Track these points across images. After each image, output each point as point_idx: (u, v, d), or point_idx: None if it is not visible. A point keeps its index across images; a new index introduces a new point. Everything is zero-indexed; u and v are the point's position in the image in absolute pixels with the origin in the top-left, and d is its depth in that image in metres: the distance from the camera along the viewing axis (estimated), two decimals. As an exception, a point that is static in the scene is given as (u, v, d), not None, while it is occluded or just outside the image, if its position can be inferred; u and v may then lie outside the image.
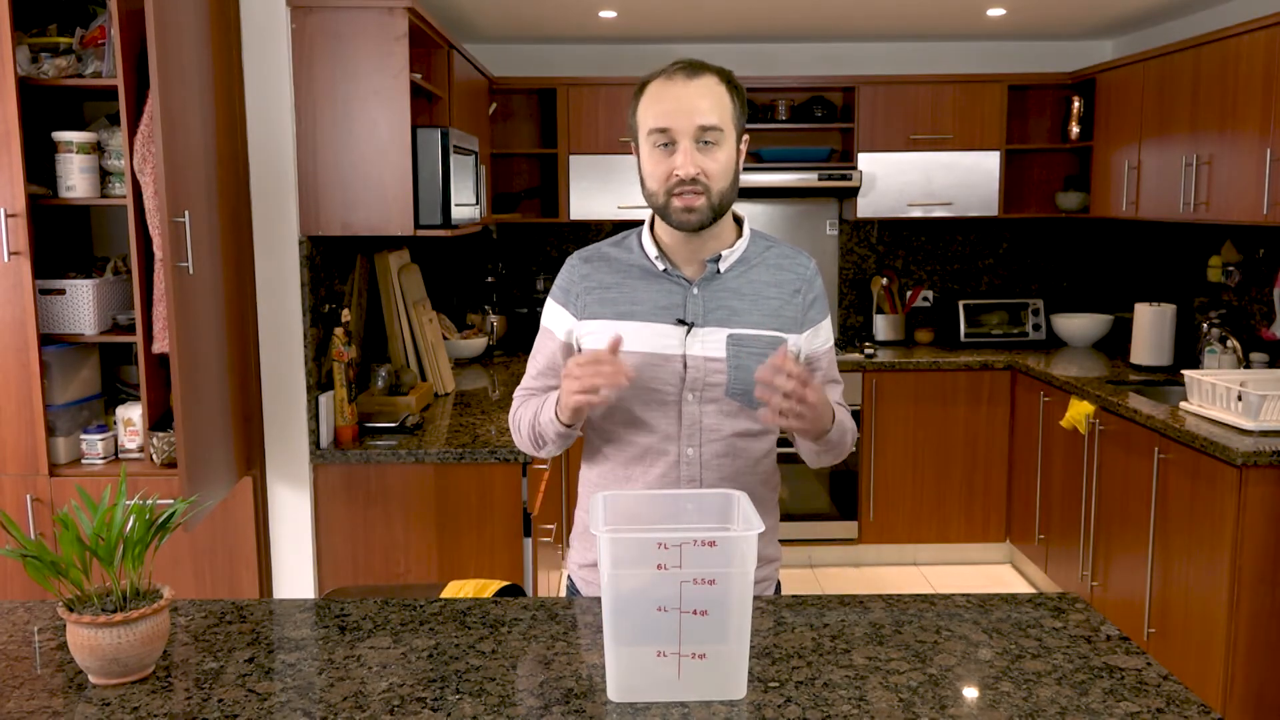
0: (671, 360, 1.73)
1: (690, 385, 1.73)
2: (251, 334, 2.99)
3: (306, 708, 1.34)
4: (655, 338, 1.73)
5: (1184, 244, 4.53)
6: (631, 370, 1.60)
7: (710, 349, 1.73)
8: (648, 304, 1.75)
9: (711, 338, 1.73)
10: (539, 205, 5.13)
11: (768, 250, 1.81)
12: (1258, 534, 2.92)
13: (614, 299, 1.76)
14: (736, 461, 1.77)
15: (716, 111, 1.66)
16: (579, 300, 1.79)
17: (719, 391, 1.73)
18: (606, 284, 1.78)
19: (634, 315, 1.74)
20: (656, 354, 1.72)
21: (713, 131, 1.66)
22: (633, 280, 1.77)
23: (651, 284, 1.76)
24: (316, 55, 2.99)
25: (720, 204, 1.70)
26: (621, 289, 1.77)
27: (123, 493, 1.46)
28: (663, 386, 1.73)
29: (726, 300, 1.75)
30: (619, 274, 1.78)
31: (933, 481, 4.71)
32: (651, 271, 1.77)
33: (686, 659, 1.34)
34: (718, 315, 1.74)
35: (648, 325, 1.73)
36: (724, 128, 1.67)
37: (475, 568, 3.08)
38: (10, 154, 2.51)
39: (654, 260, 1.76)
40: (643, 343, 1.73)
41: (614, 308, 1.76)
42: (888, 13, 4.36)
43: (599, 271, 1.79)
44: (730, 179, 1.70)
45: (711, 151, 1.67)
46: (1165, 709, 1.33)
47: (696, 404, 1.73)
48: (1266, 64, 3.34)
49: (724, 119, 1.67)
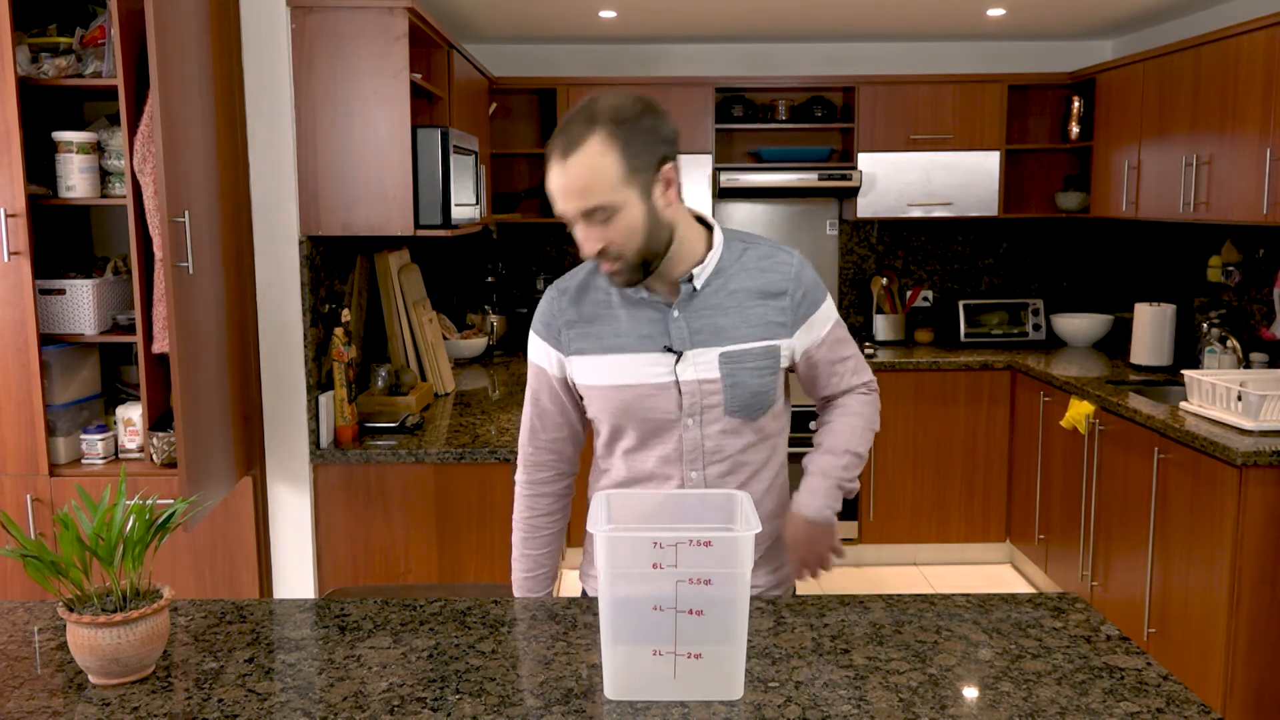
0: (666, 389, 1.69)
1: (689, 410, 1.70)
2: (251, 334, 3.00)
3: (306, 708, 1.34)
4: (646, 367, 1.69)
5: (1184, 244, 4.53)
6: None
7: (703, 371, 1.69)
8: (631, 334, 1.70)
9: (703, 359, 1.69)
10: (539, 205, 5.12)
11: (745, 253, 1.73)
12: (1258, 534, 2.92)
13: (597, 333, 1.72)
14: (740, 478, 1.75)
15: (597, 189, 1.54)
16: (561, 335, 1.75)
17: (718, 412, 1.71)
18: (588, 317, 1.74)
19: (620, 348, 1.71)
20: (650, 384, 1.69)
21: (598, 211, 1.56)
22: (613, 310, 1.72)
23: (632, 312, 1.71)
24: (316, 55, 2.99)
25: (645, 258, 1.62)
26: (603, 321, 1.72)
27: (123, 493, 1.46)
28: (661, 415, 1.71)
29: (711, 318, 1.69)
30: (598, 305, 1.73)
31: (933, 481, 4.71)
32: (628, 298, 1.71)
33: (682, 658, 1.34)
34: (704, 336, 1.69)
35: (636, 356, 1.69)
36: (609, 200, 1.55)
37: (475, 568, 3.08)
38: (10, 154, 2.51)
39: (632, 292, 1.71)
40: (634, 375, 1.70)
41: (598, 342, 1.72)
42: (888, 13, 4.36)
43: (577, 304, 1.75)
44: (642, 235, 1.59)
45: (607, 225, 1.57)
46: (1165, 709, 1.33)
47: (697, 427, 1.71)
48: (1266, 64, 3.34)
49: (608, 190, 1.54)
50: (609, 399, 1.72)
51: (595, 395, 1.74)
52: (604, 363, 1.71)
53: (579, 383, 1.76)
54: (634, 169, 1.56)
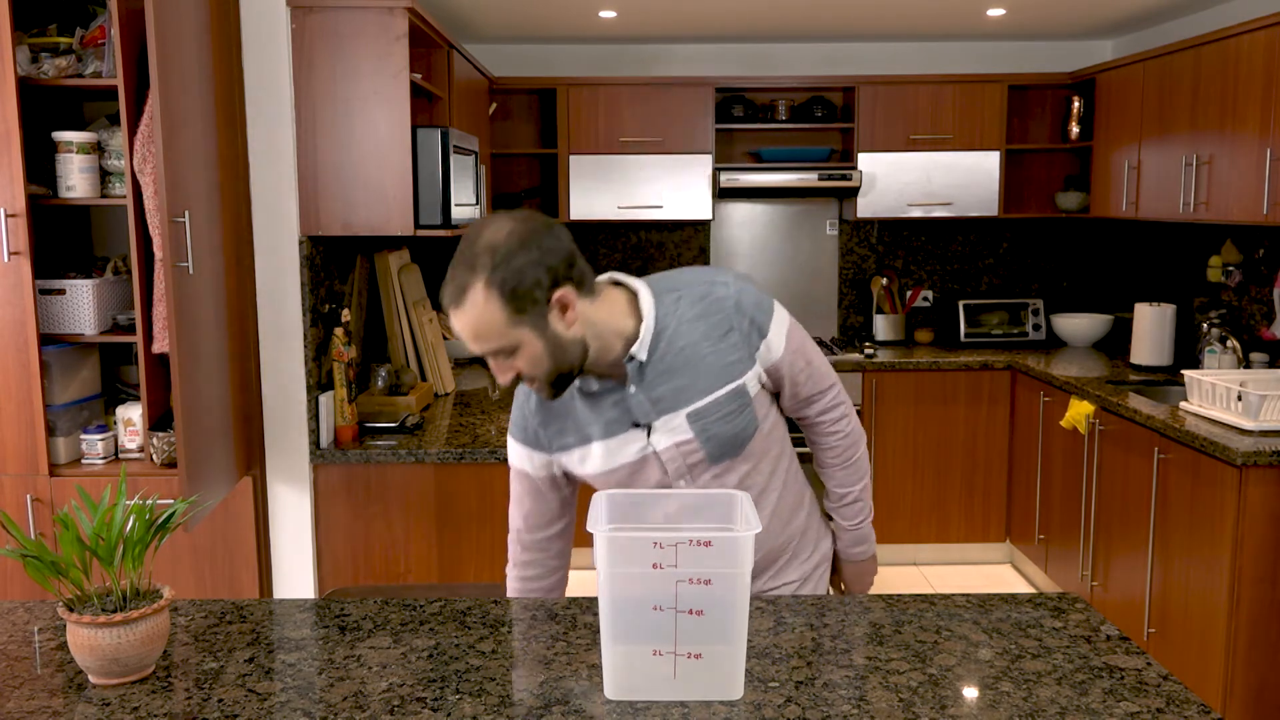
0: (648, 461, 1.71)
1: (675, 474, 1.72)
2: (251, 334, 3.00)
3: (306, 708, 1.34)
4: (622, 448, 1.70)
5: (1184, 244, 4.53)
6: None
7: (677, 434, 1.69)
8: (598, 423, 1.71)
9: (673, 424, 1.68)
10: (539, 205, 5.13)
11: (679, 304, 1.69)
12: (1258, 534, 2.92)
13: (569, 428, 1.74)
14: (752, 495, 1.75)
15: (490, 334, 1.55)
16: (539, 436, 1.77)
17: (704, 466, 1.71)
18: (557, 414, 1.74)
19: (593, 436, 1.72)
20: (631, 462, 1.71)
21: (499, 351, 1.57)
22: (573, 402, 1.73)
23: (589, 402, 1.72)
24: (316, 55, 2.99)
25: (563, 372, 1.62)
26: (570, 418, 1.74)
27: (123, 493, 1.46)
28: (655, 484, 1.73)
29: (668, 383, 1.67)
30: (560, 404, 1.74)
31: (933, 481, 4.71)
32: (586, 391, 1.72)
33: (682, 658, 1.34)
34: (666, 402, 1.68)
35: (609, 442, 1.71)
36: (504, 340, 1.55)
37: (475, 568, 3.08)
38: (10, 154, 2.51)
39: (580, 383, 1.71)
40: (616, 459, 1.71)
41: (574, 436, 1.74)
42: (888, 13, 4.36)
43: (541, 409, 1.76)
44: (548, 361, 1.59)
45: (512, 357, 1.58)
46: (1165, 709, 1.33)
47: (690, 485, 1.73)
48: (1266, 64, 3.34)
49: (500, 333, 1.55)
50: (603, 483, 1.75)
51: (589, 478, 1.77)
52: (587, 452, 1.73)
53: (570, 471, 1.79)
54: (519, 310, 1.53)
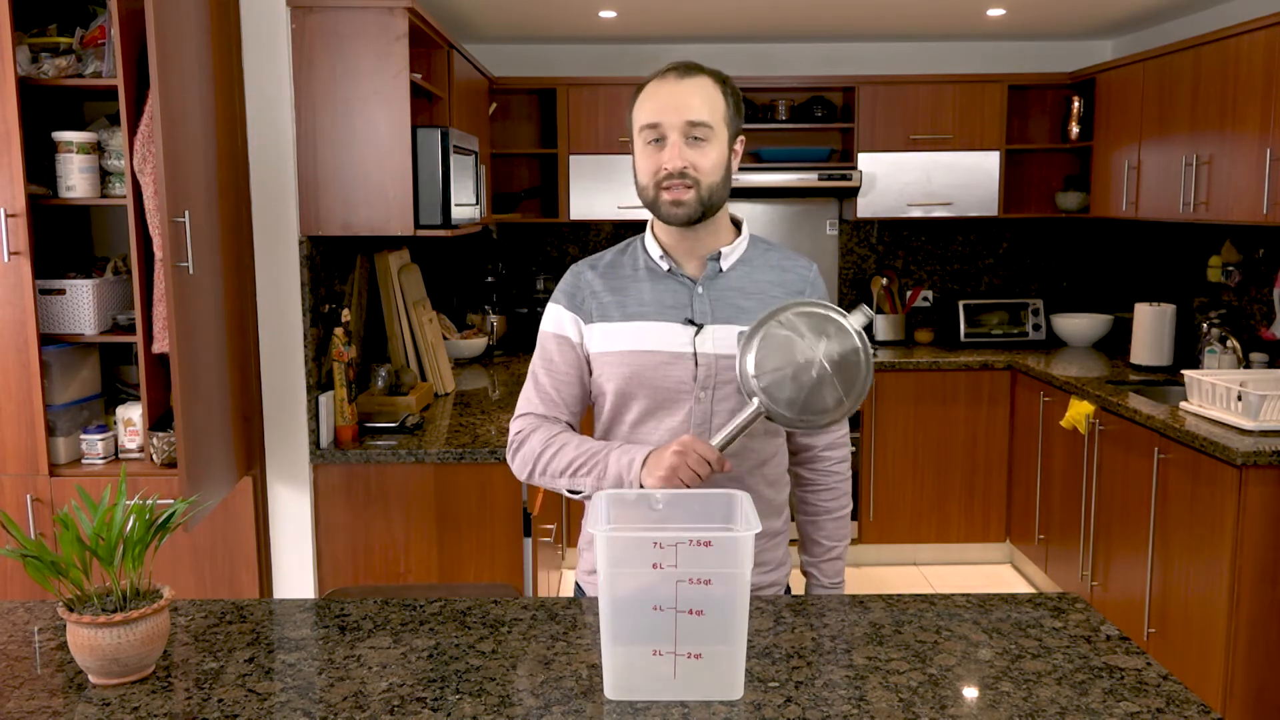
0: (682, 358, 1.73)
1: (703, 383, 1.73)
2: (251, 334, 3.00)
3: (306, 708, 1.34)
4: (666, 335, 1.74)
5: (1184, 244, 4.53)
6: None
7: (721, 346, 1.73)
8: (654, 304, 1.76)
9: (721, 335, 1.73)
10: (539, 205, 5.13)
11: (768, 252, 1.83)
12: (1258, 534, 2.92)
13: (621, 302, 1.78)
14: (744, 463, 1.77)
15: (707, 109, 1.68)
16: (585, 304, 1.80)
17: (730, 389, 1.73)
18: (614, 288, 1.79)
19: (642, 315, 1.76)
20: (668, 351, 1.73)
21: (701, 128, 1.67)
22: (638, 283, 1.78)
23: (656, 284, 1.78)
24: (316, 55, 2.99)
25: (710, 199, 1.70)
26: (627, 292, 1.78)
27: (123, 493, 1.46)
28: (674, 384, 1.74)
29: (733, 299, 1.76)
30: (624, 279, 1.80)
31: (933, 481, 4.71)
32: (656, 272, 1.78)
33: (682, 658, 1.34)
34: (725, 313, 1.75)
35: (657, 324, 1.75)
36: (714, 125, 1.68)
37: (475, 568, 3.08)
38: (10, 154, 2.51)
39: (658, 260, 1.78)
40: (654, 342, 1.74)
41: (621, 310, 1.77)
42: (888, 13, 4.36)
43: (604, 277, 1.81)
44: (720, 176, 1.70)
45: (701, 147, 1.68)
46: (1165, 709, 1.33)
47: (709, 401, 1.74)
48: (1266, 64, 3.34)
49: (714, 117, 1.68)
50: (624, 364, 1.75)
51: (610, 361, 1.77)
52: (624, 329, 1.76)
53: (594, 351, 1.79)
54: (732, 115, 1.72)
